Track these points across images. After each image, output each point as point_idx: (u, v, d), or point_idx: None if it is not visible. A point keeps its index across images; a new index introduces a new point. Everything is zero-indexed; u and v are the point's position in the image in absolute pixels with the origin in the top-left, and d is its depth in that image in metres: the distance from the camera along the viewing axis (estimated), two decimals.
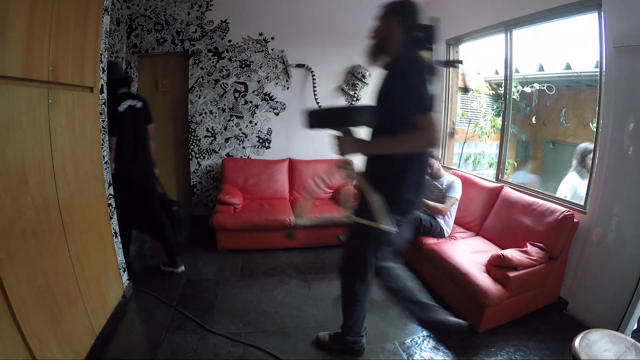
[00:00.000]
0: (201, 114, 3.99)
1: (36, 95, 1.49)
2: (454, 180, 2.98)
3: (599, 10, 2.25)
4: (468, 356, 2.01)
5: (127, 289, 2.46)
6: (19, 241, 1.36)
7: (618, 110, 2.14)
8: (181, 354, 1.96)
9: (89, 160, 2.03)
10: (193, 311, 2.35)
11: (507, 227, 2.65)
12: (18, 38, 1.32)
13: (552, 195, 2.66)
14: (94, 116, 2.10)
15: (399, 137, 1.46)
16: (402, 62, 1.52)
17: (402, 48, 1.58)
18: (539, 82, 3.75)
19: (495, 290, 2.09)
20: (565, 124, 3.71)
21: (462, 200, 3.18)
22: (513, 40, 3.06)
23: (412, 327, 2.28)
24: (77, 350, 1.71)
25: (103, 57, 2.18)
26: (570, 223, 2.28)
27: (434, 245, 2.67)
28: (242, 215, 3.26)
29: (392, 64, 1.57)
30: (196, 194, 4.16)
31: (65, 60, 1.69)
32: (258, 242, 3.31)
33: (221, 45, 3.91)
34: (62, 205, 1.66)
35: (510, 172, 3.74)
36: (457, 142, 4.26)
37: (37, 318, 1.42)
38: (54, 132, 1.60)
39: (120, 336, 2.08)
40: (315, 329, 2.19)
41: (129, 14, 3.75)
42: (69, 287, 1.70)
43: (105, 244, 2.20)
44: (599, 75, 2.29)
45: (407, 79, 1.46)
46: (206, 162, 4.11)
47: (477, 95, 4.16)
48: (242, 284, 2.76)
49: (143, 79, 3.95)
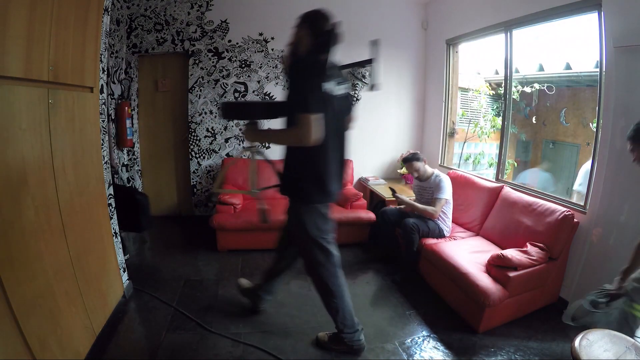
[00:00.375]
0: (201, 114, 3.99)
1: (36, 95, 1.49)
2: (441, 180, 2.87)
3: (599, 10, 2.25)
4: (468, 356, 2.01)
5: (127, 289, 2.46)
6: (19, 241, 1.36)
7: (618, 110, 2.14)
8: (181, 354, 1.96)
9: (89, 160, 2.03)
10: (193, 311, 2.35)
11: (507, 227, 2.65)
12: (18, 38, 1.32)
13: (552, 195, 2.66)
14: (94, 116, 2.10)
15: (281, 130, 1.73)
16: (296, 64, 1.72)
17: (305, 52, 1.76)
18: (539, 82, 3.75)
19: (495, 290, 2.09)
20: (565, 124, 3.70)
21: (462, 200, 3.18)
22: (513, 40, 3.06)
23: (412, 327, 2.28)
24: (77, 350, 1.71)
25: (103, 57, 2.19)
26: (570, 223, 2.28)
27: (434, 246, 2.67)
28: (242, 215, 3.26)
29: (289, 67, 1.75)
30: (196, 194, 4.16)
31: (65, 60, 1.69)
32: (258, 242, 3.31)
33: (221, 45, 3.91)
34: (62, 205, 1.66)
35: (510, 172, 3.73)
36: (457, 142, 4.26)
37: (37, 318, 1.42)
38: (54, 132, 1.60)
39: (120, 336, 2.08)
40: (315, 329, 2.19)
41: (129, 14, 3.75)
42: (69, 287, 1.70)
43: (105, 244, 2.20)
44: (599, 75, 2.29)
45: (297, 80, 1.65)
46: (206, 162, 4.11)
47: (477, 95, 4.16)
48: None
49: (143, 79, 3.95)
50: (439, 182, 2.87)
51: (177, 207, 4.31)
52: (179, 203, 4.30)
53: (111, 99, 3.43)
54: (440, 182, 2.86)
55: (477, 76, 4.39)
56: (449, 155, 4.19)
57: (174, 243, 3.57)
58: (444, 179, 2.89)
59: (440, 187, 2.85)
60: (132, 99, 3.87)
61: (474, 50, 3.97)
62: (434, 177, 2.93)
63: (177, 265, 3.04)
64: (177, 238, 3.73)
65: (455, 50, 3.94)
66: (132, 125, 3.84)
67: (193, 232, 3.79)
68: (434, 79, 4.25)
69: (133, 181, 4.02)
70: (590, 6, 2.31)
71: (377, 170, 4.50)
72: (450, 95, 4.04)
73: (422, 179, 2.98)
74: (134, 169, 4.02)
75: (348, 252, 3.23)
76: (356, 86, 4.16)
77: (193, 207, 4.20)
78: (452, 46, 3.92)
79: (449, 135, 4.14)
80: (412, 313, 2.43)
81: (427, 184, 2.95)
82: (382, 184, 4.11)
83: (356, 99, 4.21)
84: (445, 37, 3.91)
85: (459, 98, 4.14)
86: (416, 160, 2.94)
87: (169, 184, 4.24)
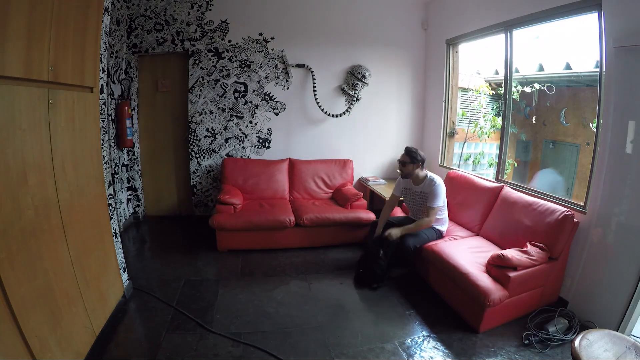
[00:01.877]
0: (201, 114, 3.99)
1: (36, 95, 1.49)
2: (437, 186, 2.71)
3: (599, 10, 2.25)
4: (468, 356, 2.01)
5: (127, 289, 2.46)
6: (19, 241, 1.36)
7: (618, 110, 2.14)
8: (181, 354, 1.96)
9: (89, 160, 2.03)
10: (193, 311, 2.35)
11: (507, 227, 2.65)
12: (18, 38, 1.32)
13: (552, 195, 2.66)
14: (94, 116, 2.10)
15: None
16: None
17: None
18: (539, 82, 3.75)
19: (495, 290, 2.09)
20: (565, 124, 3.70)
21: (462, 200, 3.18)
22: (513, 40, 3.06)
23: (412, 327, 2.28)
24: (77, 350, 1.71)
25: (103, 57, 2.19)
26: (571, 223, 2.28)
27: (434, 246, 2.66)
28: (242, 215, 3.26)
29: None
30: (196, 194, 4.16)
31: (65, 60, 1.69)
32: (258, 242, 3.31)
33: (221, 45, 3.91)
34: (62, 205, 1.66)
35: (510, 172, 3.73)
36: (457, 142, 4.26)
37: (37, 318, 1.42)
38: (54, 132, 1.61)
39: (120, 336, 2.08)
40: (315, 329, 2.19)
41: (129, 14, 3.75)
42: (69, 287, 1.70)
43: (105, 244, 2.20)
44: (599, 75, 2.29)
45: None
46: (206, 162, 4.11)
47: (477, 95, 4.16)
48: (242, 284, 2.76)
49: (143, 79, 3.96)
50: (434, 189, 2.71)
51: (177, 207, 4.31)
52: (179, 203, 4.30)
53: (111, 99, 3.44)
54: (436, 190, 2.70)
55: (477, 76, 4.40)
56: (449, 155, 4.19)
57: (174, 243, 3.57)
58: (439, 185, 2.73)
59: (436, 194, 2.70)
60: (132, 99, 3.87)
61: (474, 50, 3.97)
62: (428, 181, 2.77)
63: (177, 265, 3.03)
64: (177, 238, 3.73)
65: (455, 50, 3.94)
66: (132, 125, 3.84)
67: (193, 232, 3.79)
68: (434, 79, 4.25)
69: (133, 181, 4.02)
70: (590, 6, 2.31)
71: (377, 170, 4.50)
72: (450, 95, 4.04)
73: (415, 183, 2.84)
74: (134, 169, 4.02)
75: (348, 252, 3.24)
76: (356, 86, 4.16)
77: (193, 207, 4.20)
78: (452, 46, 3.92)
79: (449, 135, 4.15)
80: (412, 313, 2.43)
81: (420, 188, 2.80)
82: (382, 184, 4.12)
83: (356, 99, 4.21)
84: (445, 37, 3.91)
85: (459, 98, 4.14)
86: (412, 162, 2.76)
87: (169, 184, 4.24)
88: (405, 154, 2.83)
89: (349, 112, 4.23)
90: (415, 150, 2.81)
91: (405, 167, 2.82)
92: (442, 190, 2.76)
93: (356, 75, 4.15)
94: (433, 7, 4.18)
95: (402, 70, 4.35)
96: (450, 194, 3.41)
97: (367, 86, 4.23)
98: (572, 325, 2.20)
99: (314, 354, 1.99)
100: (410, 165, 2.78)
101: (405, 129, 4.51)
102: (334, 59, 4.13)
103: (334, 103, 4.22)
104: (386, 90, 4.34)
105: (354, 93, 4.17)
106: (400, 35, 4.26)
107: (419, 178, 2.82)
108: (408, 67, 4.36)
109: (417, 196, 2.86)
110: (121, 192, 3.79)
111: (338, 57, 4.14)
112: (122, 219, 3.77)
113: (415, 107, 4.49)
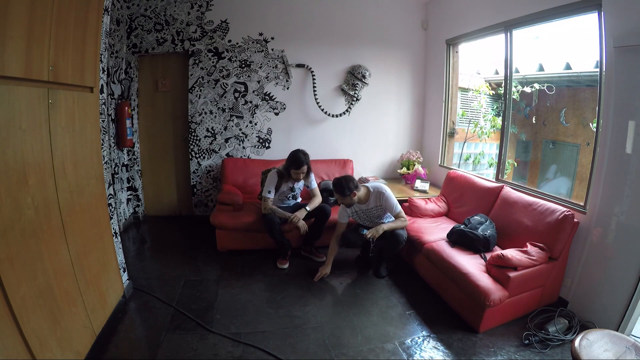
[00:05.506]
0: (201, 114, 3.99)
1: (36, 95, 1.49)
2: (385, 196, 2.68)
3: (599, 10, 2.25)
4: (468, 356, 2.01)
5: (127, 289, 2.46)
6: (19, 241, 1.36)
7: (618, 110, 2.14)
8: (181, 354, 1.96)
9: (89, 160, 2.03)
10: (193, 311, 2.35)
11: (507, 227, 2.65)
12: (18, 38, 1.32)
13: (552, 195, 2.66)
14: (94, 116, 2.10)
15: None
16: None
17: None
18: (539, 82, 3.75)
19: (495, 290, 2.09)
20: (565, 124, 3.70)
21: (462, 200, 3.19)
22: (513, 40, 3.06)
23: (412, 327, 2.28)
24: (77, 350, 1.72)
25: (103, 57, 2.19)
26: (571, 223, 2.28)
27: (434, 245, 2.66)
28: (242, 215, 3.26)
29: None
30: (196, 194, 4.16)
31: (65, 60, 1.69)
32: (258, 242, 3.31)
33: (221, 45, 3.91)
34: (62, 205, 1.66)
35: (510, 172, 3.73)
36: (457, 142, 4.26)
37: (37, 318, 1.42)
38: (54, 132, 1.61)
39: (120, 336, 2.08)
40: (316, 329, 2.19)
41: (129, 14, 3.75)
42: (69, 287, 1.71)
43: (105, 244, 2.20)
44: (599, 75, 2.29)
45: None
46: (206, 162, 4.11)
47: (477, 95, 4.16)
48: (242, 284, 2.76)
49: (143, 79, 3.95)
50: (386, 198, 2.69)
51: (177, 207, 4.31)
52: (179, 203, 4.30)
53: (111, 99, 3.43)
54: (388, 198, 2.69)
55: (477, 76, 4.40)
56: (449, 155, 4.19)
57: (174, 243, 3.57)
58: (385, 192, 2.70)
59: (391, 202, 2.70)
60: (132, 99, 3.87)
61: (474, 50, 3.98)
62: (374, 194, 2.71)
63: (177, 265, 3.03)
64: (177, 238, 3.73)
65: (455, 50, 3.94)
66: (132, 125, 3.84)
67: (193, 232, 3.79)
68: (434, 79, 4.25)
69: (133, 181, 4.02)
70: (590, 6, 2.31)
71: (377, 170, 4.50)
72: (450, 95, 4.05)
73: (361, 202, 2.74)
74: (134, 169, 4.02)
75: (347, 252, 3.23)
76: (356, 86, 4.16)
77: (193, 207, 4.20)
78: (452, 46, 3.92)
79: (448, 135, 4.15)
80: (412, 313, 2.43)
81: (372, 204, 2.75)
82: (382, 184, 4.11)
83: (356, 99, 4.21)
84: (445, 37, 3.91)
85: (459, 98, 4.14)
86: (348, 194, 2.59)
87: (169, 184, 4.24)
88: (335, 192, 2.68)
89: (349, 112, 4.23)
90: (342, 182, 2.62)
91: (344, 200, 2.67)
92: (391, 193, 2.77)
93: (356, 75, 4.15)
94: (433, 7, 4.19)
95: (402, 70, 4.35)
96: (450, 193, 3.42)
97: (367, 86, 4.23)
98: (572, 325, 2.20)
99: (314, 354, 1.99)
100: (348, 197, 2.63)
101: (405, 129, 4.51)
102: (334, 58, 4.13)
103: (334, 103, 4.22)
104: (386, 90, 4.34)
105: (354, 93, 4.17)
106: (400, 35, 4.26)
107: (362, 198, 2.73)
108: (408, 67, 4.36)
109: (372, 212, 2.81)
110: (121, 192, 3.79)
111: (338, 57, 4.14)
112: (122, 219, 3.77)
113: (415, 107, 4.49)
